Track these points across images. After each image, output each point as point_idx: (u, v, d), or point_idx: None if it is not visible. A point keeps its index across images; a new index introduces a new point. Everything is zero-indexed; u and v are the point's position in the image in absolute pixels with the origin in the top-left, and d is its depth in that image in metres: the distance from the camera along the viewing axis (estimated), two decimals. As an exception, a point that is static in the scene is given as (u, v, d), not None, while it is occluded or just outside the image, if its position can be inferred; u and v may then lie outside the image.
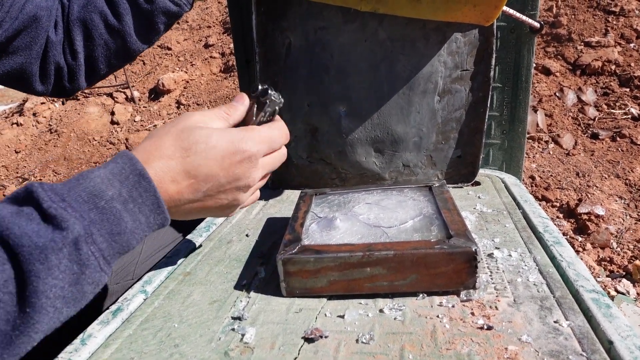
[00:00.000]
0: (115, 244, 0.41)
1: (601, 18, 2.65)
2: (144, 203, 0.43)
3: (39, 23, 0.68)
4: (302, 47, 0.77)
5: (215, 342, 0.43)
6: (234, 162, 0.48)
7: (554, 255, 0.53)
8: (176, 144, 0.46)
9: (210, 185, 0.47)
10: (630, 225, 1.61)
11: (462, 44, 0.74)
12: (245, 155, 0.48)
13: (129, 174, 0.42)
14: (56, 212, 0.38)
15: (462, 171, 0.80)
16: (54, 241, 0.37)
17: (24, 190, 0.39)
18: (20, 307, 0.36)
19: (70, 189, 0.40)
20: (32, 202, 0.39)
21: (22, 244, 0.36)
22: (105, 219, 0.40)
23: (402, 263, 0.46)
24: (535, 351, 0.38)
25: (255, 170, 0.50)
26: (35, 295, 0.36)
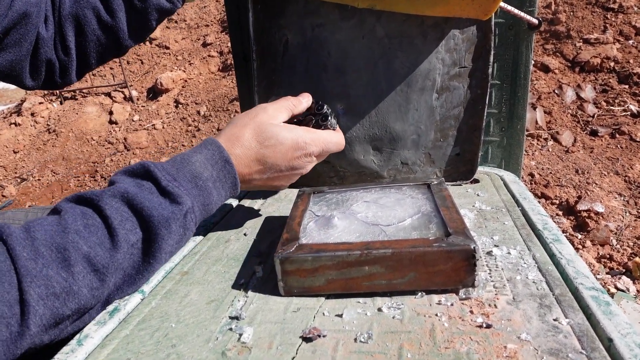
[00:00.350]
0: (205, 212, 0.55)
1: (600, 15, 2.65)
2: (226, 182, 0.57)
3: (29, 19, 0.67)
4: (299, 45, 0.76)
5: (213, 342, 0.43)
6: (295, 157, 0.61)
7: (554, 253, 0.52)
8: (253, 137, 0.59)
9: (273, 171, 0.61)
10: (629, 222, 1.61)
11: (460, 40, 0.73)
12: (305, 152, 0.61)
13: (217, 160, 0.56)
14: (172, 190, 0.51)
15: (461, 169, 0.80)
16: (174, 213, 0.50)
17: (140, 167, 0.52)
18: (145, 259, 0.49)
19: (177, 170, 0.53)
20: (150, 178, 0.51)
21: (152, 215, 0.48)
22: (202, 194, 0.54)
23: (400, 261, 0.46)
24: (535, 349, 0.38)
25: (310, 164, 0.64)
26: (159, 251, 0.50)
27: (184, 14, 3.95)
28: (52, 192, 2.89)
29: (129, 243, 0.47)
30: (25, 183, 3.00)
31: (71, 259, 0.43)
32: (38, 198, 2.86)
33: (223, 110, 3.06)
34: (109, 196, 0.48)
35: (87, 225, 0.46)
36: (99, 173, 2.93)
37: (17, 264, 0.41)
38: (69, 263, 0.43)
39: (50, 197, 2.85)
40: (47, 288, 0.41)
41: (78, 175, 2.97)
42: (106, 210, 0.47)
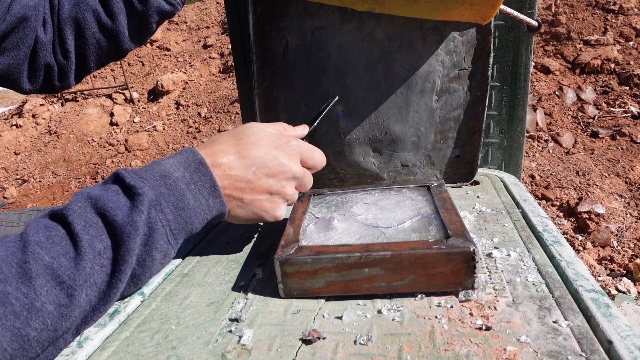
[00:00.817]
0: (180, 219, 0.49)
1: (600, 16, 2.65)
2: (203, 185, 0.51)
3: (28, 23, 0.67)
4: (299, 47, 0.77)
5: (213, 344, 0.43)
6: (280, 148, 0.55)
7: (553, 255, 0.52)
8: (231, 134, 0.56)
9: (258, 166, 0.54)
10: (630, 224, 1.60)
11: (460, 43, 0.73)
12: (290, 143, 0.56)
13: (191, 162, 0.51)
14: (135, 184, 0.47)
15: (461, 171, 0.80)
16: (135, 206, 0.46)
17: (112, 175, 0.50)
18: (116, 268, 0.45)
19: (146, 170, 0.50)
20: (117, 180, 0.49)
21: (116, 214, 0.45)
22: (172, 194, 0.49)
23: (400, 263, 0.46)
24: (534, 352, 0.38)
25: (296, 163, 0.57)
26: (128, 254, 0.45)
27: (184, 16, 3.96)
28: (53, 194, 2.90)
29: (95, 250, 0.43)
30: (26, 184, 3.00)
31: (32, 271, 0.39)
32: (39, 199, 2.86)
33: (224, 112, 3.06)
34: (73, 202, 0.46)
35: (49, 237, 0.42)
36: (100, 174, 2.94)
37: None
38: (29, 276, 0.39)
39: (51, 199, 2.86)
40: (4, 306, 0.37)
41: (79, 177, 2.98)
42: (69, 217, 0.44)
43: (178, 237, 0.50)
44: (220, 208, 0.52)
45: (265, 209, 0.56)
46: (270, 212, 0.56)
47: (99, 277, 0.44)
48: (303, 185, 0.59)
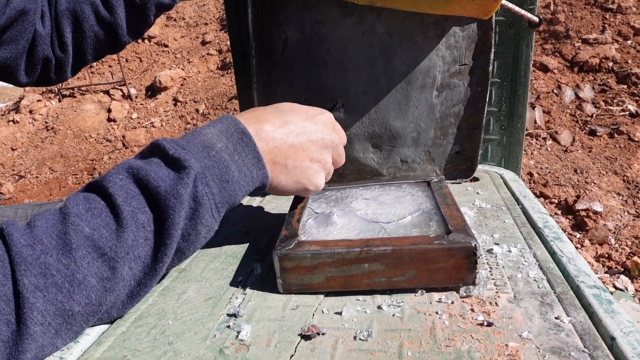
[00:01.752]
0: (225, 192, 0.47)
1: (598, 15, 2.65)
2: (246, 156, 0.49)
3: (27, 17, 0.67)
4: (298, 41, 0.76)
5: (210, 339, 0.43)
6: (316, 117, 0.56)
7: (554, 251, 0.52)
8: (267, 107, 0.56)
9: (299, 132, 0.53)
10: (628, 222, 1.61)
11: (461, 38, 0.73)
12: (325, 113, 0.57)
13: (233, 132, 0.49)
14: (179, 156, 0.45)
15: (461, 167, 0.79)
16: (181, 178, 0.44)
17: (150, 145, 0.47)
18: (160, 241, 0.43)
19: (187, 141, 0.47)
20: (158, 151, 0.46)
21: (159, 186, 0.43)
22: (216, 166, 0.47)
23: (400, 259, 0.46)
24: (537, 348, 0.38)
25: (332, 131, 0.57)
26: (173, 227, 0.43)
27: (183, 12, 3.94)
28: (49, 190, 2.88)
29: (137, 222, 0.42)
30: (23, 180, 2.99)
31: (72, 243, 0.38)
32: (36, 195, 2.85)
33: (222, 109, 3.05)
34: (113, 173, 0.44)
35: (89, 209, 0.41)
36: (97, 170, 2.92)
37: (12, 251, 0.36)
38: (70, 247, 0.38)
39: (48, 195, 2.84)
40: (45, 277, 0.36)
41: (76, 173, 2.96)
42: (109, 189, 0.42)
43: (222, 210, 0.48)
44: (264, 178, 0.51)
45: (307, 177, 0.55)
46: (312, 179, 0.55)
47: (142, 250, 0.42)
48: (338, 156, 0.59)
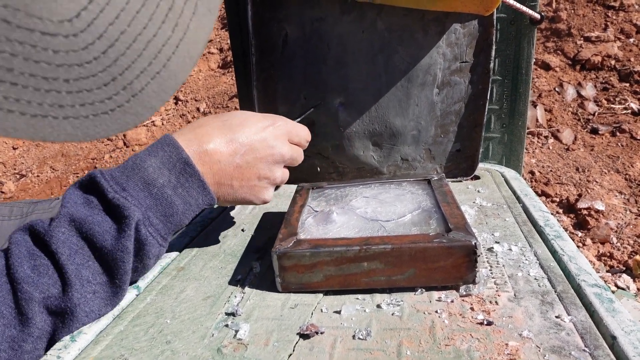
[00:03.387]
0: (170, 224, 0.49)
1: (601, 13, 2.63)
2: (191, 187, 0.49)
3: None
4: (298, 38, 0.75)
5: (208, 338, 0.42)
6: (266, 129, 0.54)
7: (555, 250, 0.52)
8: (215, 117, 0.53)
9: (246, 150, 0.52)
10: (630, 221, 1.60)
11: (462, 35, 0.72)
12: (276, 123, 0.55)
13: (175, 162, 0.48)
14: (118, 202, 0.44)
15: (462, 165, 0.79)
16: (123, 230, 0.44)
17: (88, 178, 0.46)
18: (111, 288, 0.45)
19: (127, 177, 0.47)
20: (96, 190, 0.46)
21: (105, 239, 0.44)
22: (159, 204, 0.47)
23: (400, 257, 0.45)
24: (537, 347, 0.37)
25: (284, 143, 0.55)
26: (124, 275, 0.45)
27: (183, 11, 3.93)
28: (51, 189, 2.88)
29: (82, 279, 0.43)
30: (25, 179, 2.99)
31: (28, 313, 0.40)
32: (37, 194, 2.85)
33: (223, 107, 3.05)
34: (56, 226, 0.44)
35: (35, 267, 0.42)
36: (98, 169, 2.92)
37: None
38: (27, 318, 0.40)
39: (49, 194, 2.84)
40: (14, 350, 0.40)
41: (77, 172, 2.96)
42: (52, 245, 0.43)
43: (168, 237, 0.50)
44: (210, 202, 0.51)
45: (254, 194, 0.55)
46: (259, 196, 0.55)
47: (93, 303, 0.44)
48: (293, 163, 0.58)
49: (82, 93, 0.18)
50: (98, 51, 0.18)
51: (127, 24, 0.18)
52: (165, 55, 0.20)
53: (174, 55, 0.20)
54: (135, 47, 0.19)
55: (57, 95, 0.18)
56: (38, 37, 0.17)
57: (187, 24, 0.21)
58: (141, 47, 0.19)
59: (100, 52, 0.18)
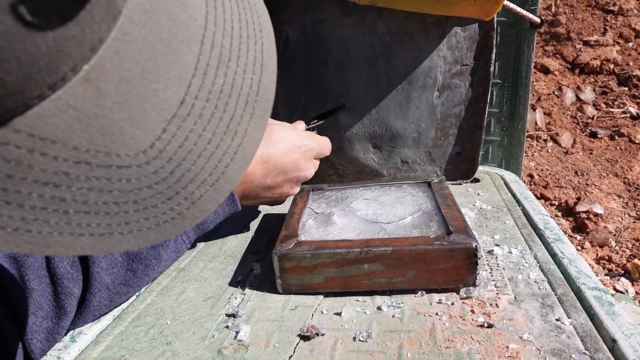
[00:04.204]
0: (199, 231, 0.55)
1: (600, 17, 2.65)
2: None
3: None
4: (299, 41, 0.76)
5: (209, 339, 0.42)
6: (298, 151, 0.57)
7: (555, 253, 0.52)
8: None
9: (277, 172, 0.56)
10: (628, 224, 1.60)
11: (462, 38, 0.73)
12: (307, 147, 0.58)
13: None
14: None
15: (461, 168, 0.79)
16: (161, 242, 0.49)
17: None
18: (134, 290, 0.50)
19: None
20: None
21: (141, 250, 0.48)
22: None
23: (400, 259, 0.45)
24: (537, 350, 0.37)
25: (312, 167, 0.60)
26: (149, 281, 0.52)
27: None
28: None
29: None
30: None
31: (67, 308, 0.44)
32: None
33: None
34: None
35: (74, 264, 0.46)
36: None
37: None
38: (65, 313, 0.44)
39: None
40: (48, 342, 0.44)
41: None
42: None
43: (193, 239, 0.57)
44: (235, 210, 0.56)
45: (270, 203, 0.61)
46: (273, 204, 0.62)
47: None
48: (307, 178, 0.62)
49: (148, 209, 0.19)
50: (166, 172, 0.19)
51: (193, 143, 0.19)
52: (224, 164, 0.21)
53: (232, 162, 0.21)
54: (199, 162, 0.20)
55: (125, 215, 0.19)
56: (114, 171, 0.18)
57: (245, 129, 0.22)
58: (204, 162, 0.20)
59: (168, 173, 0.19)
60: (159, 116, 0.18)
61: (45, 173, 0.16)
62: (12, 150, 0.15)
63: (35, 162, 0.16)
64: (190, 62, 0.19)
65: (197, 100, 0.19)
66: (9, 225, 0.16)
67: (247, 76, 0.21)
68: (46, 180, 0.16)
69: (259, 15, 0.23)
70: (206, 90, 0.19)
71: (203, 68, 0.19)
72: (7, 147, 0.15)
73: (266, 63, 0.23)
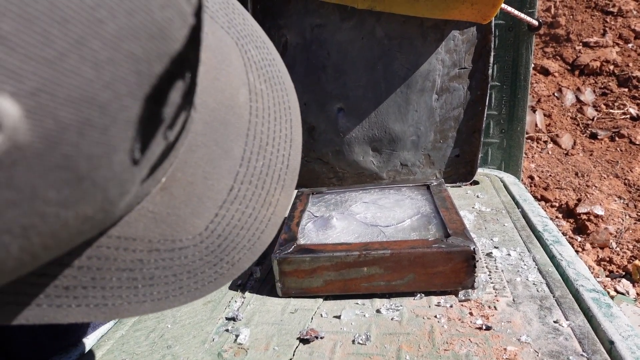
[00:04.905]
0: None
1: (599, 18, 2.65)
2: None
3: None
4: (298, 45, 0.76)
5: (209, 343, 0.42)
6: None
7: (554, 255, 0.52)
8: None
9: None
10: (629, 225, 1.60)
11: (460, 41, 0.73)
12: None
13: None
14: None
15: (461, 170, 0.79)
16: None
17: None
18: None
19: None
20: None
21: None
22: None
23: (399, 262, 0.46)
24: (535, 352, 0.38)
25: None
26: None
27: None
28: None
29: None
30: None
31: None
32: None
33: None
34: None
35: None
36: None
37: None
38: None
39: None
40: None
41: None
42: None
43: None
44: None
45: None
46: None
47: None
48: None
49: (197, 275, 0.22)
50: (215, 246, 0.22)
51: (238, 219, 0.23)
52: (260, 231, 0.24)
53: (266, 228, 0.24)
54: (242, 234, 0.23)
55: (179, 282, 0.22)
56: (176, 252, 0.21)
57: (277, 200, 0.25)
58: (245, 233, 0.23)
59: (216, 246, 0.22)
60: (213, 205, 0.21)
61: (125, 262, 0.19)
62: (104, 250, 0.19)
63: (119, 256, 0.19)
64: (238, 155, 0.22)
65: (242, 184, 0.22)
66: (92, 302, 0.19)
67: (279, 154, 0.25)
68: (124, 267, 0.19)
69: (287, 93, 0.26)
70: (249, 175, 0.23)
71: (247, 157, 0.22)
72: (100, 249, 0.18)
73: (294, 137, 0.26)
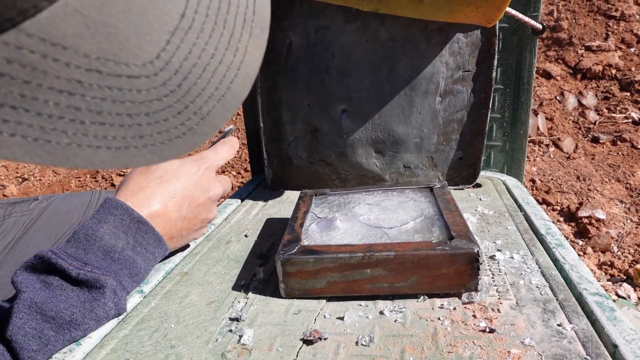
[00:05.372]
0: (136, 282, 0.50)
1: (602, 22, 2.65)
2: (148, 244, 0.51)
3: None
4: (302, 47, 0.76)
5: (212, 343, 0.43)
6: (198, 176, 0.57)
7: (557, 258, 0.52)
8: (145, 175, 0.55)
9: (189, 201, 0.55)
10: (631, 229, 1.60)
11: (464, 44, 0.73)
12: (204, 167, 0.58)
13: (129, 223, 0.50)
14: (87, 277, 0.44)
15: (463, 173, 0.80)
16: (96, 299, 0.44)
17: (39, 261, 0.44)
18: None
19: (85, 251, 0.46)
20: (55, 272, 0.44)
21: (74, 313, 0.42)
22: (124, 267, 0.48)
23: (402, 264, 0.46)
24: (539, 355, 0.38)
25: (215, 181, 0.59)
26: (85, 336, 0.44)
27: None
28: (52, 192, 2.89)
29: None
30: (27, 183, 3.00)
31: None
32: (38, 198, 2.86)
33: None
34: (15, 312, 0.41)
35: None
36: (100, 173, 2.93)
37: None
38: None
39: (50, 198, 2.85)
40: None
41: (79, 176, 2.97)
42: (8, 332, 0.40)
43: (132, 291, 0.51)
44: (165, 252, 0.54)
45: (198, 234, 0.60)
46: (202, 233, 0.61)
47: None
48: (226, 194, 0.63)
49: (159, 123, 0.20)
50: (174, 85, 0.20)
51: (197, 56, 0.21)
52: (229, 79, 0.22)
53: (236, 77, 0.23)
54: (205, 76, 0.21)
55: (138, 127, 0.20)
56: (125, 80, 0.19)
57: (245, 47, 0.23)
58: (209, 76, 0.21)
59: (176, 86, 0.20)
60: (161, 27, 0.19)
61: (59, 80, 0.17)
62: (27, 55, 0.16)
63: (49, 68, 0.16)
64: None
65: (197, 14, 0.20)
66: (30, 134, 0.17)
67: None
68: (61, 88, 0.17)
69: None
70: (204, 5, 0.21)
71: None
72: (22, 51, 0.16)
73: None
